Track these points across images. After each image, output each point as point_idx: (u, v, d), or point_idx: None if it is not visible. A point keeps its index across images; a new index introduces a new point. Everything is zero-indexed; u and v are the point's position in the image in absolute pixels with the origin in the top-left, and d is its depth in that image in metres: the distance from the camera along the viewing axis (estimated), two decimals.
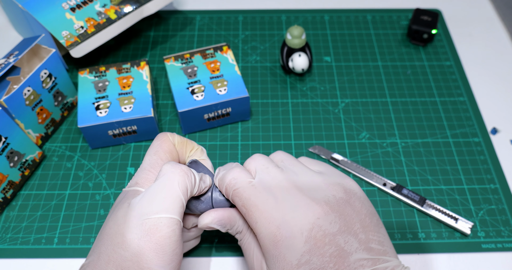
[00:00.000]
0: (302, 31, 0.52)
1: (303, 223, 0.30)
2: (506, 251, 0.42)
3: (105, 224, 0.32)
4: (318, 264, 0.30)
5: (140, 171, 0.34)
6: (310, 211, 0.31)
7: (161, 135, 0.37)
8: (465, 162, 0.48)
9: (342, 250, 0.30)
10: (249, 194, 0.32)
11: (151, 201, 0.30)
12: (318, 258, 0.30)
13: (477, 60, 0.59)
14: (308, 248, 0.30)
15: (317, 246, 0.30)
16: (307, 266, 0.30)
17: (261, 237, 0.31)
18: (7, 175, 0.44)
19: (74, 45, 0.50)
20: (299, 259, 0.30)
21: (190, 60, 0.51)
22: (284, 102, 0.54)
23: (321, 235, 0.30)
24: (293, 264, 0.30)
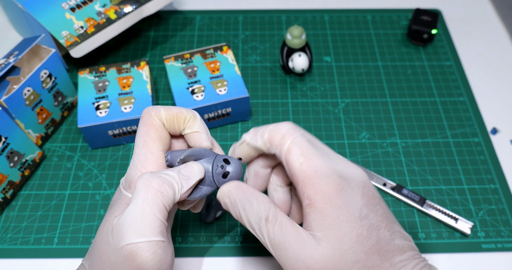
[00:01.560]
0: (302, 31, 0.52)
1: (357, 180, 0.31)
2: (506, 251, 0.42)
3: (98, 231, 0.31)
4: (375, 220, 0.30)
5: (132, 170, 0.32)
6: (358, 171, 0.32)
7: (146, 117, 0.33)
8: (465, 162, 0.48)
9: (388, 216, 0.31)
10: (308, 143, 0.31)
11: (127, 227, 0.28)
12: (374, 214, 0.30)
13: (477, 60, 0.59)
14: (365, 202, 0.30)
15: (371, 202, 0.30)
16: (367, 221, 0.29)
17: (322, 186, 0.29)
18: (7, 175, 0.44)
19: (74, 45, 0.50)
20: (360, 212, 0.29)
21: (190, 60, 0.51)
22: (284, 102, 0.54)
23: (371, 195, 0.31)
24: (356, 216, 0.29)
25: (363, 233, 0.29)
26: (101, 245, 0.30)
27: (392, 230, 0.30)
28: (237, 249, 0.42)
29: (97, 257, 0.30)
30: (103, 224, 0.31)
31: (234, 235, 0.43)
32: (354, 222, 0.29)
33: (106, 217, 0.31)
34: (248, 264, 0.41)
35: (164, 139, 0.33)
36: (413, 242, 0.32)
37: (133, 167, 0.32)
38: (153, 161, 0.32)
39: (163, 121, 0.33)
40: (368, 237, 0.29)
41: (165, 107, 0.34)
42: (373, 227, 0.29)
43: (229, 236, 0.43)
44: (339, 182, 0.30)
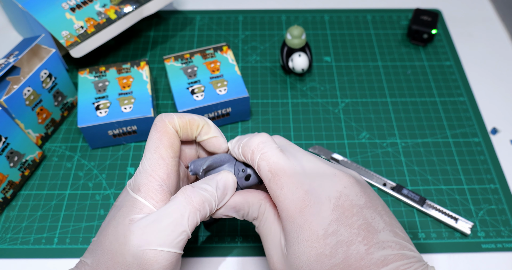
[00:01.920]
0: (302, 31, 0.52)
1: (331, 190, 0.29)
2: (506, 251, 0.42)
3: (106, 233, 0.31)
4: (346, 236, 0.28)
5: (142, 173, 0.33)
6: (338, 180, 0.30)
7: (160, 124, 0.34)
8: (465, 162, 0.48)
9: (370, 225, 0.29)
10: (278, 158, 0.31)
11: (156, 231, 0.29)
12: (346, 228, 0.28)
13: (477, 60, 0.59)
14: (336, 217, 0.28)
15: (345, 215, 0.29)
16: (334, 238, 0.28)
17: (286, 204, 0.29)
18: (7, 175, 0.44)
19: (74, 45, 0.50)
20: (326, 229, 0.28)
21: (190, 60, 0.51)
22: (284, 102, 0.54)
23: (349, 204, 0.29)
24: (319, 234, 0.28)
25: (324, 252, 0.28)
26: (115, 245, 0.30)
27: (372, 242, 0.28)
28: (237, 249, 0.42)
29: (108, 257, 0.30)
30: (117, 225, 0.31)
31: (234, 235, 0.43)
32: (314, 241, 0.28)
33: (117, 219, 0.31)
34: (248, 264, 0.41)
35: (176, 147, 0.34)
36: (408, 248, 0.30)
37: (143, 171, 0.33)
38: (163, 166, 0.32)
39: (176, 129, 0.34)
40: (330, 256, 0.28)
41: (178, 114, 0.34)
42: (341, 243, 0.28)
43: (229, 236, 0.43)
44: (304, 199, 0.29)
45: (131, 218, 0.31)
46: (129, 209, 0.31)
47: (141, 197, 0.32)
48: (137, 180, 0.33)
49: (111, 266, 0.30)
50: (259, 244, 0.42)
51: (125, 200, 0.33)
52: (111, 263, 0.30)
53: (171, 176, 0.33)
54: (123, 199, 0.33)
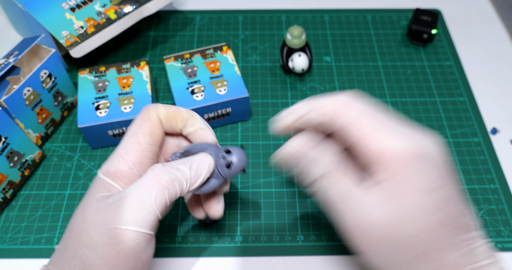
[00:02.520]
0: (302, 31, 0.52)
1: (427, 150, 0.28)
2: (506, 251, 0.42)
3: (74, 214, 0.31)
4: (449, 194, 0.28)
5: (114, 156, 0.32)
6: (429, 141, 0.29)
7: (144, 112, 0.33)
8: (465, 162, 0.48)
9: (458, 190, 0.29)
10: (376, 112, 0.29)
11: (122, 210, 0.29)
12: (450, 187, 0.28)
13: (477, 60, 0.59)
14: (441, 173, 0.28)
15: (447, 174, 0.28)
16: (443, 192, 0.28)
17: (396, 153, 0.28)
18: (7, 175, 0.44)
19: (74, 45, 0.50)
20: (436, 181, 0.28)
21: (190, 60, 0.51)
22: (284, 102, 0.54)
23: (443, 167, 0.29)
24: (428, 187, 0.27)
25: (434, 205, 0.27)
26: (82, 225, 0.30)
27: (463, 206, 0.29)
28: (237, 249, 0.42)
29: (75, 238, 0.30)
30: (85, 206, 0.31)
31: (234, 235, 0.43)
32: (426, 193, 0.27)
33: (85, 200, 0.31)
34: (248, 264, 0.41)
35: (156, 135, 0.33)
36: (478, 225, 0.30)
37: (116, 153, 0.32)
38: (137, 151, 0.32)
39: (160, 118, 0.34)
40: (439, 210, 0.27)
41: (164, 105, 0.34)
42: (446, 199, 0.28)
43: (229, 236, 0.43)
44: (416, 148, 0.28)
45: (98, 197, 0.30)
46: (96, 190, 0.31)
47: (109, 178, 0.31)
48: (107, 162, 0.32)
49: (77, 247, 0.29)
50: (259, 244, 0.42)
51: (94, 183, 0.32)
52: (78, 244, 0.29)
53: (143, 162, 0.32)
54: (94, 182, 0.32)
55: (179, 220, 0.44)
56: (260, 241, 0.43)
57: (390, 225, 0.28)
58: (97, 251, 0.28)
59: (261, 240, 0.43)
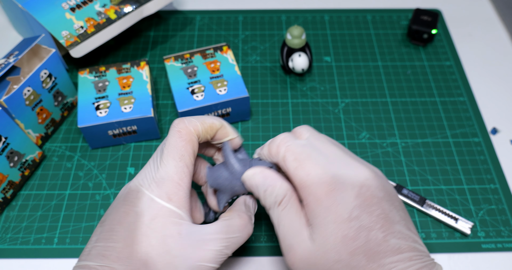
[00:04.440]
0: (302, 31, 0.52)
1: (354, 180, 0.31)
2: (506, 251, 0.42)
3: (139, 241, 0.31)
4: (367, 222, 0.30)
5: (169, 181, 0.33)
6: (360, 172, 0.32)
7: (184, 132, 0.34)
8: (465, 162, 0.48)
9: (388, 216, 0.30)
10: (302, 150, 0.33)
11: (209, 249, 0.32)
12: (367, 215, 0.30)
13: (477, 60, 0.59)
14: (358, 203, 0.30)
15: (366, 203, 0.30)
16: (357, 222, 0.30)
17: (313, 188, 0.31)
18: (7, 175, 0.44)
19: (74, 45, 0.50)
20: (350, 213, 0.30)
21: (190, 60, 0.51)
22: (284, 102, 0.54)
23: (369, 195, 0.31)
24: (344, 217, 0.30)
25: (349, 234, 0.29)
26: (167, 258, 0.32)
27: (388, 230, 0.30)
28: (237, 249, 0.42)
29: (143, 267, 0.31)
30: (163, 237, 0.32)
31: None
32: (341, 223, 0.30)
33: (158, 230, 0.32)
34: (248, 264, 0.41)
35: (196, 154, 0.35)
36: (419, 243, 0.31)
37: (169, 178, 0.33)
38: (188, 175, 0.34)
39: (199, 135, 0.35)
40: (354, 238, 0.29)
41: (199, 119, 0.36)
42: (363, 228, 0.30)
43: None
44: (330, 183, 0.31)
45: (176, 230, 0.32)
46: (168, 220, 0.32)
47: (175, 207, 0.32)
48: (163, 188, 0.33)
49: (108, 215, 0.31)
50: (259, 244, 0.42)
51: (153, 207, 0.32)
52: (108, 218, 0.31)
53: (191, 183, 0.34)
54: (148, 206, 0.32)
55: None
56: (260, 241, 0.43)
57: (315, 252, 0.30)
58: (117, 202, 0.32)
59: (261, 240, 0.43)
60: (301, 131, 0.35)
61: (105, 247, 0.31)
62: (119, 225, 0.32)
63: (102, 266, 0.31)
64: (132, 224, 0.32)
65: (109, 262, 0.31)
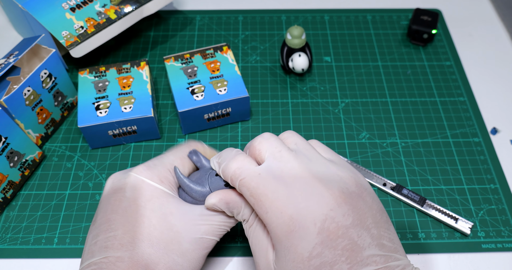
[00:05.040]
0: (302, 31, 0.52)
1: (316, 214, 0.29)
2: (506, 251, 0.42)
3: (150, 224, 0.32)
4: (330, 257, 0.29)
5: (161, 167, 0.35)
6: (324, 202, 0.29)
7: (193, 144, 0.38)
8: (465, 162, 0.48)
9: (355, 244, 0.29)
10: (257, 183, 0.30)
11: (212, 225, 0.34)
12: (330, 251, 0.29)
13: (477, 60, 0.59)
14: (320, 240, 0.29)
15: (329, 238, 0.29)
16: (318, 259, 0.29)
17: (272, 228, 0.30)
18: (7, 175, 0.44)
19: (74, 45, 0.50)
20: (310, 252, 0.29)
21: (190, 60, 0.51)
22: (284, 102, 0.54)
23: (334, 227, 0.29)
24: (304, 256, 0.29)
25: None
26: (170, 234, 0.33)
27: (355, 260, 0.29)
28: (237, 249, 0.42)
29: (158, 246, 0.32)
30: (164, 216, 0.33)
31: (234, 235, 0.43)
32: (300, 262, 0.29)
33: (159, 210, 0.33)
34: (248, 264, 0.41)
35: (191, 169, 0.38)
36: (393, 258, 0.30)
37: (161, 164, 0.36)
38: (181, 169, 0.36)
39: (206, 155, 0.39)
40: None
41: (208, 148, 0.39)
42: (325, 264, 0.29)
43: (229, 236, 0.43)
44: (289, 224, 0.29)
45: (177, 208, 0.33)
46: (165, 199, 0.34)
47: (167, 189, 0.35)
48: (154, 172, 0.35)
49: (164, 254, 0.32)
50: None
51: (145, 189, 0.34)
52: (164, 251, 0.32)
53: None
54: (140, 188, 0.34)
55: None
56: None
57: None
58: (186, 256, 0.33)
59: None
60: (260, 148, 0.32)
61: (105, 238, 0.31)
62: (114, 213, 0.32)
63: (106, 258, 0.31)
64: (127, 209, 0.32)
65: (113, 252, 0.31)
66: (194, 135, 0.51)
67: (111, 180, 0.35)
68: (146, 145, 0.50)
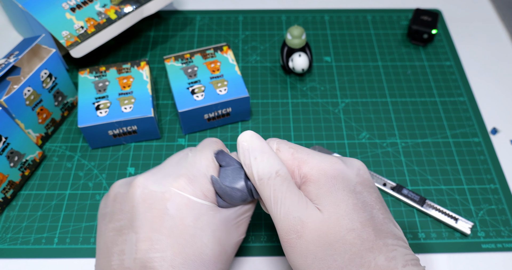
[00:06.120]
0: (302, 31, 0.52)
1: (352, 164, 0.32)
2: (506, 251, 0.42)
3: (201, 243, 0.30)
4: (368, 200, 0.30)
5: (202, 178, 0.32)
6: (355, 162, 0.32)
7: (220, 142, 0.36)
8: (465, 162, 0.48)
9: (383, 201, 0.31)
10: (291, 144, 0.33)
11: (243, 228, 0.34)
12: (367, 194, 0.30)
13: (477, 60, 0.59)
14: (359, 181, 0.31)
15: (365, 183, 0.31)
16: (362, 197, 0.30)
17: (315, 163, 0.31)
18: (7, 175, 0.44)
19: (74, 45, 0.50)
20: (354, 187, 0.30)
21: (190, 60, 0.51)
22: (284, 102, 0.54)
23: (366, 179, 0.32)
24: (351, 189, 0.30)
25: (358, 204, 0.29)
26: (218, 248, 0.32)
27: (385, 214, 0.30)
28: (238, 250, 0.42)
29: None
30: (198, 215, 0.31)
31: None
32: (349, 192, 0.30)
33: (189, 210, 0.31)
34: (248, 264, 0.41)
35: None
36: (405, 238, 0.31)
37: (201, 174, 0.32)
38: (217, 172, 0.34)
39: None
40: (363, 209, 0.29)
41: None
42: (367, 204, 0.30)
43: None
44: (336, 160, 0.31)
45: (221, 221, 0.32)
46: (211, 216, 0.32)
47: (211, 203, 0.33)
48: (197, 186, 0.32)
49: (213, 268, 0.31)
50: (259, 244, 0.42)
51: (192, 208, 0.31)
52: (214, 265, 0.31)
53: None
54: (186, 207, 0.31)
55: None
56: (260, 241, 0.43)
57: (327, 220, 0.29)
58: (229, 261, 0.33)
59: (261, 240, 0.43)
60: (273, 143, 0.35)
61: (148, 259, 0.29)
62: (157, 233, 0.29)
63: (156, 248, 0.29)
64: (174, 229, 0.30)
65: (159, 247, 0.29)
66: (194, 135, 0.51)
67: (140, 189, 0.31)
68: (146, 145, 0.50)
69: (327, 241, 0.28)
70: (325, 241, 0.28)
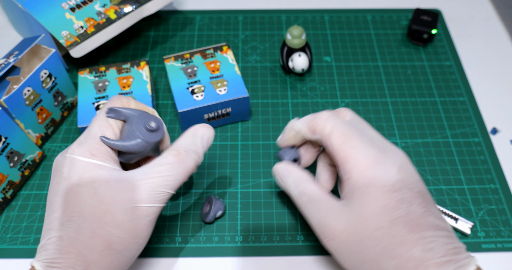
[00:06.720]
0: (302, 31, 0.52)
1: (394, 159, 0.33)
2: (506, 251, 0.42)
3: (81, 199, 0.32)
4: (407, 196, 0.31)
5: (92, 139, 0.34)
6: (399, 154, 0.34)
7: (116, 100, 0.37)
8: (465, 162, 0.48)
9: (425, 195, 0.32)
10: (348, 126, 0.34)
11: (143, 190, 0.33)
12: (407, 190, 0.31)
13: (477, 60, 0.59)
14: (400, 178, 0.32)
15: (406, 180, 0.32)
16: (399, 194, 0.31)
17: (359, 161, 0.32)
18: (7, 175, 0.44)
19: (74, 45, 0.50)
20: (392, 185, 0.31)
21: (190, 60, 0.51)
22: (284, 102, 0.54)
23: (408, 174, 0.33)
24: (387, 188, 0.31)
25: (390, 204, 0.31)
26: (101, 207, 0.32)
27: (426, 207, 0.31)
28: (237, 249, 0.42)
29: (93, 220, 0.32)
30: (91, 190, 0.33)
31: (234, 235, 0.43)
32: (382, 194, 0.31)
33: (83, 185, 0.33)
34: (248, 264, 0.41)
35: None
36: (449, 227, 0.32)
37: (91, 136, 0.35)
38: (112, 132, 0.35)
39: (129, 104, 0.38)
40: (395, 208, 0.31)
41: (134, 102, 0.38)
42: (404, 200, 0.31)
43: (229, 236, 0.43)
44: (376, 156, 0.32)
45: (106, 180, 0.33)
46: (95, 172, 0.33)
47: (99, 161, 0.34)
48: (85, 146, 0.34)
49: (98, 227, 0.31)
50: (259, 244, 0.42)
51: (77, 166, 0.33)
52: (98, 224, 0.31)
53: None
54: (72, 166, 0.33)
55: (179, 220, 0.44)
56: (260, 241, 0.43)
57: (353, 221, 0.32)
58: (122, 227, 0.32)
59: (261, 240, 0.43)
60: (345, 112, 0.37)
61: (49, 221, 0.33)
62: (55, 196, 0.33)
63: (50, 239, 0.32)
64: (64, 189, 0.33)
65: (54, 232, 0.32)
66: None
67: (53, 165, 0.35)
68: None
69: (355, 239, 0.31)
70: (353, 239, 0.32)
